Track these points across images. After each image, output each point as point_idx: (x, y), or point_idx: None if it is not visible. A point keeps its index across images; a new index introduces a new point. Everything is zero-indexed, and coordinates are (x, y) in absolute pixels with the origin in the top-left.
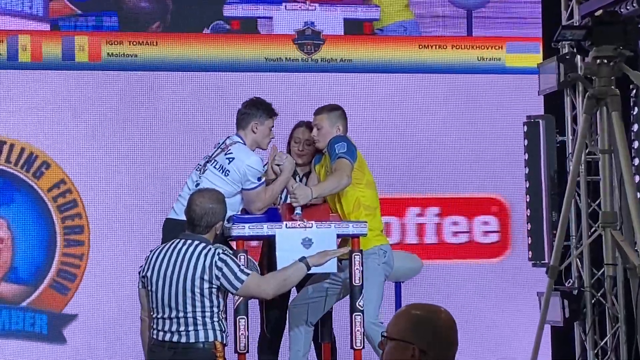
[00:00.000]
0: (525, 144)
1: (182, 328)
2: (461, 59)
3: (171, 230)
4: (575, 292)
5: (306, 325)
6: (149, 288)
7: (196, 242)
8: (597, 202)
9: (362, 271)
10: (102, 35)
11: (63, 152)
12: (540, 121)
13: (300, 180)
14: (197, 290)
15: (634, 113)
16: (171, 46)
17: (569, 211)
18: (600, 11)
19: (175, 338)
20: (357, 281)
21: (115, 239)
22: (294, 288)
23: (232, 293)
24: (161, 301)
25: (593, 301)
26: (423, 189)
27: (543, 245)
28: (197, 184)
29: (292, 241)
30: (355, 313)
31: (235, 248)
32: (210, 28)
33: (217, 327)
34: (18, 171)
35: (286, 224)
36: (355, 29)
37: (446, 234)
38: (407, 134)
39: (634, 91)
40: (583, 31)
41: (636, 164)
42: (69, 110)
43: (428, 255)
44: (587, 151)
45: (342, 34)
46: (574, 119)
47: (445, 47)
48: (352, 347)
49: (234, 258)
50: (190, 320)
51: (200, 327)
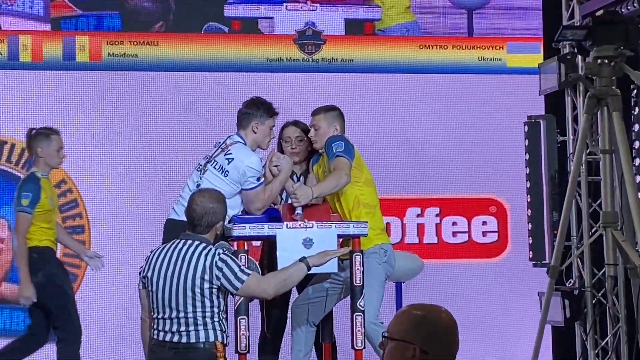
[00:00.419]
0: (526, 144)
1: (183, 328)
2: (462, 59)
3: (172, 230)
4: (576, 292)
5: (307, 325)
6: (150, 288)
7: (197, 242)
8: (598, 202)
9: (363, 271)
10: (103, 35)
11: (64, 152)
12: (541, 121)
13: (297, 180)
14: (198, 290)
15: (635, 113)
16: (172, 46)
17: (570, 211)
18: (601, 11)
19: (176, 338)
20: (358, 281)
21: (115, 239)
22: (295, 288)
23: (233, 293)
24: (162, 301)
25: (594, 301)
26: (423, 190)
27: (544, 245)
28: (198, 185)
29: (293, 241)
30: (356, 313)
31: (236, 248)
32: (203, 30)
33: (218, 327)
34: (19, 171)
35: (287, 224)
36: (356, 29)
37: (445, 234)
38: (408, 134)
39: (635, 91)
40: (584, 31)
41: (637, 164)
42: (69, 110)
43: (428, 255)
44: (588, 151)
45: (343, 34)
46: (575, 119)
47: (446, 47)
48: (353, 347)
49: (235, 258)
50: (190, 320)
51: (200, 327)
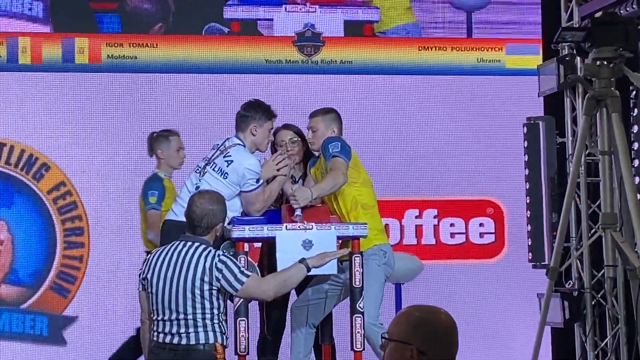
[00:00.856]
0: (525, 146)
1: (183, 330)
2: (461, 61)
3: (170, 231)
4: (575, 294)
5: (307, 327)
6: (149, 290)
7: (196, 244)
8: (597, 204)
9: (362, 273)
10: (102, 37)
11: (63, 154)
12: (540, 122)
13: (296, 183)
14: (198, 291)
15: (634, 114)
16: (171, 48)
17: (569, 212)
18: (600, 12)
19: (175, 340)
20: (357, 283)
21: (115, 241)
22: (294, 290)
23: (233, 294)
24: (161, 303)
25: (593, 302)
26: (421, 192)
27: (543, 246)
28: (197, 187)
29: (293, 243)
30: (355, 315)
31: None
32: (204, 32)
33: (218, 329)
34: (18, 173)
35: (286, 226)
36: (355, 31)
37: (443, 235)
38: (407, 136)
39: (634, 92)
40: (583, 33)
41: (636, 165)
42: (69, 112)
43: (426, 255)
44: (587, 152)
45: (342, 36)
46: (574, 121)
47: (445, 49)
48: (353, 349)
49: (234, 260)
50: (190, 322)
51: (200, 329)
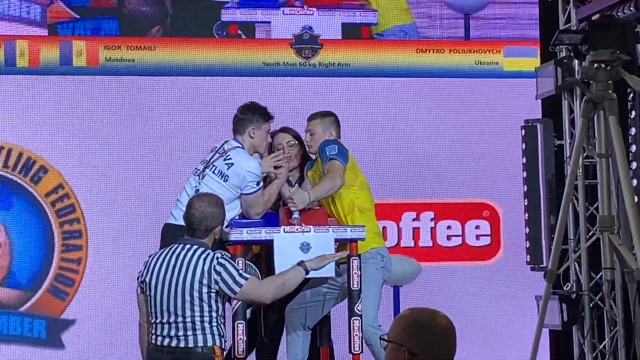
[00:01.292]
0: (523, 148)
1: (181, 333)
2: (459, 63)
3: (170, 235)
4: (573, 296)
5: (304, 329)
6: (148, 293)
7: (195, 247)
8: (595, 206)
9: (360, 275)
10: (100, 40)
11: (61, 157)
12: (538, 125)
13: (292, 187)
14: (196, 294)
15: (631, 117)
16: (169, 51)
17: (567, 215)
18: (597, 15)
19: (174, 343)
20: (355, 285)
21: (113, 244)
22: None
23: (231, 297)
24: (160, 306)
25: (591, 305)
26: (418, 195)
27: (541, 249)
28: (197, 190)
29: (290, 245)
30: (353, 317)
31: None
32: (202, 36)
33: (216, 332)
34: (16, 176)
35: (284, 229)
36: (353, 34)
37: (440, 238)
38: (405, 139)
39: (631, 95)
40: (580, 35)
41: (633, 168)
42: (67, 115)
43: (423, 257)
44: (585, 155)
45: (340, 38)
46: (572, 123)
47: (442, 51)
48: (351, 352)
49: (233, 262)
50: (189, 324)
51: (199, 332)
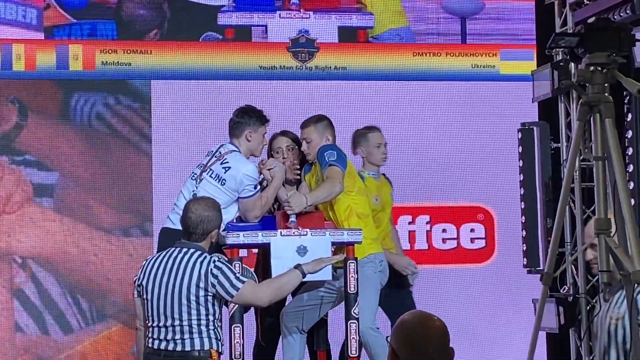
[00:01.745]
0: (519, 151)
1: (178, 336)
2: (455, 67)
3: (167, 239)
4: (570, 299)
5: (300, 332)
6: (145, 296)
7: (192, 250)
8: (592, 209)
9: (357, 279)
10: (96, 43)
11: (60, 160)
12: (534, 128)
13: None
14: (193, 298)
15: (628, 120)
16: (165, 54)
17: (564, 217)
18: (593, 18)
19: (170, 346)
20: (352, 289)
21: (111, 247)
22: (289, 296)
23: (228, 301)
24: (157, 309)
25: (588, 307)
26: (414, 198)
27: (538, 251)
28: (194, 194)
29: (287, 249)
30: (350, 320)
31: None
32: (200, 39)
33: (213, 335)
34: None
35: (281, 232)
36: (349, 37)
37: (435, 241)
38: (401, 142)
39: (628, 98)
40: (576, 38)
41: (630, 171)
42: (65, 118)
43: (419, 260)
44: (582, 158)
45: (337, 42)
46: (569, 126)
47: (439, 55)
48: (348, 355)
49: (230, 266)
50: (185, 328)
51: (195, 335)
